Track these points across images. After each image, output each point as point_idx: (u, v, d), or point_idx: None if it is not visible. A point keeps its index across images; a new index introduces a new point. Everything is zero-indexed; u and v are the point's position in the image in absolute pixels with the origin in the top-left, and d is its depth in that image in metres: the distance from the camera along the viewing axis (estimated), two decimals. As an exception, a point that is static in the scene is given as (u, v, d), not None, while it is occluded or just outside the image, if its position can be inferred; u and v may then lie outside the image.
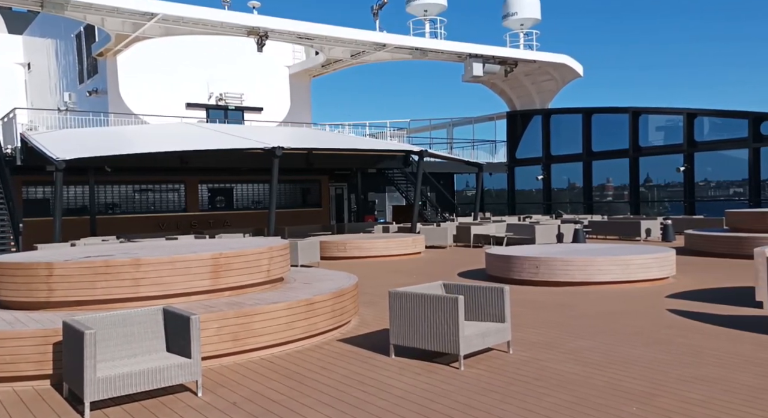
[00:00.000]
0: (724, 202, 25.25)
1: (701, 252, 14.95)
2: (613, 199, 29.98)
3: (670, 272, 10.41)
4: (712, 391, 4.52)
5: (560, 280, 10.14)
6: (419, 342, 5.57)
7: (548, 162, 31.14)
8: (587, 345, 6.07)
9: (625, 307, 8.09)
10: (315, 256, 13.87)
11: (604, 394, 4.55)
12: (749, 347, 5.75)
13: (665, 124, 26.75)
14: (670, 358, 5.48)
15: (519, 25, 29.36)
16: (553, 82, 31.35)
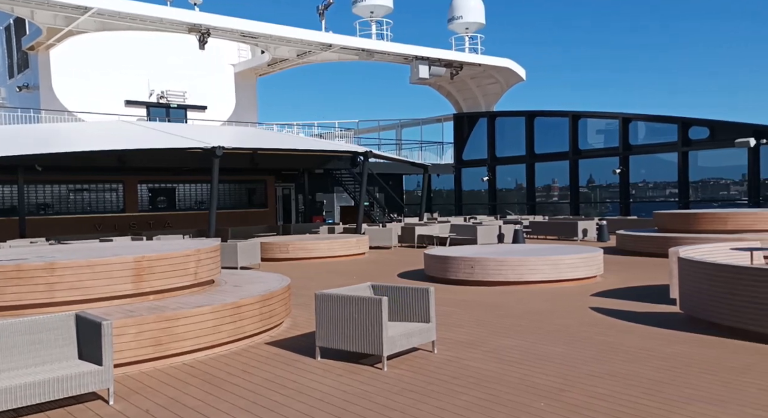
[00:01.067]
0: (659, 203, 26.42)
1: (631, 252, 15.60)
2: (558, 199, 30.88)
3: (598, 271, 10.81)
4: (617, 385, 4.74)
5: (494, 279, 10.38)
6: (344, 344, 5.60)
7: (493, 163, 31.78)
8: (510, 343, 6.24)
9: (552, 306, 8.36)
10: (255, 257, 13.71)
11: (516, 391, 4.70)
12: (658, 343, 6.05)
13: (605, 128, 27.74)
14: (585, 354, 5.71)
15: (464, 29, 29.87)
16: (497, 86, 32.04)
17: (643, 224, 20.32)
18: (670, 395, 4.47)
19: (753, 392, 4.48)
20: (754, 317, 5.94)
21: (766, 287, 5.84)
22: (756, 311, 5.91)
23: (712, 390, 4.55)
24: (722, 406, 4.21)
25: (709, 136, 23.02)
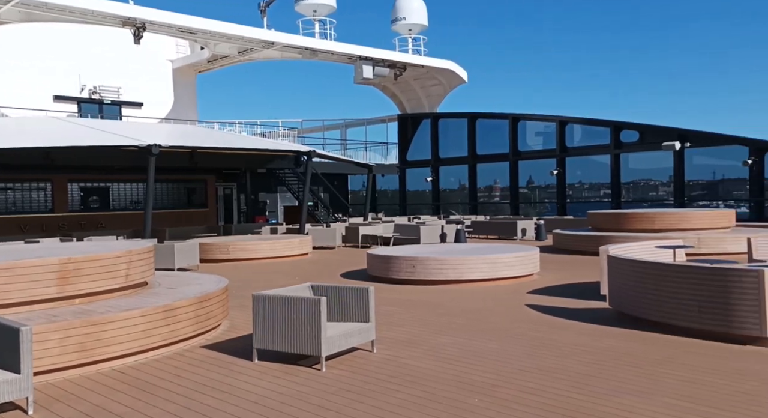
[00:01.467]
0: (594, 203, 27.48)
1: (567, 250, 16.15)
2: (499, 199, 31.62)
3: (534, 269, 11.12)
4: (547, 379, 4.89)
5: (435, 279, 10.50)
6: (282, 345, 5.53)
7: (437, 164, 32.19)
8: (447, 341, 6.33)
9: (489, 304, 8.54)
10: (194, 259, 13.35)
11: (452, 387, 4.76)
12: (588, 338, 6.28)
13: (543, 130, 28.61)
14: (519, 350, 5.86)
15: (407, 30, 30.15)
16: (440, 87, 32.50)
17: (578, 224, 21.06)
18: (597, 388, 4.65)
19: (672, 382, 4.72)
20: (675, 312, 6.26)
21: (686, 283, 6.16)
22: (677, 305, 6.23)
23: (636, 382, 4.76)
24: (645, 397, 4.41)
25: (638, 140, 24.13)
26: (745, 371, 4.96)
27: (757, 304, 5.65)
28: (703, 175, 24.11)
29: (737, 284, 5.78)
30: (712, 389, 4.52)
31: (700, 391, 4.50)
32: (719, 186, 24.02)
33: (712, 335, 5.95)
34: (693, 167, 23.40)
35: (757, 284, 5.66)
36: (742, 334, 5.77)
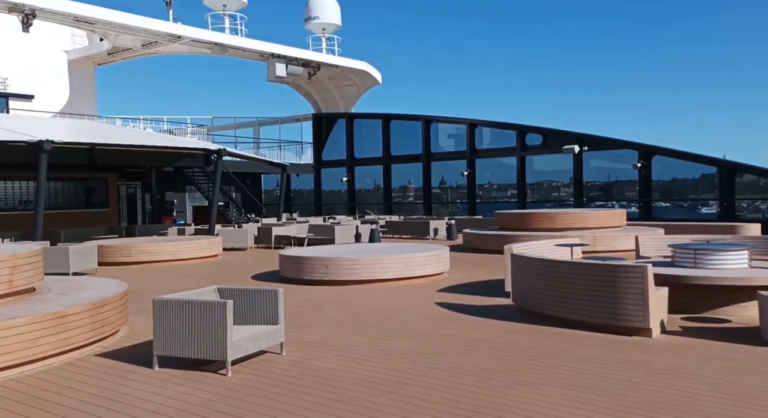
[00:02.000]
0: (502, 203, 28.64)
1: (476, 249, 16.71)
2: (413, 200, 32.20)
3: (444, 268, 11.42)
4: (453, 375, 5.03)
5: (348, 279, 10.52)
6: (186, 351, 5.32)
7: (352, 164, 32.29)
8: (357, 341, 6.35)
9: (400, 303, 8.67)
10: (91, 262, 12.55)
11: (360, 387, 4.78)
12: (492, 334, 6.53)
13: (455, 133, 29.46)
14: (426, 348, 5.99)
15: (321, 30, 30.01)
16: (354, 88, 32.63)
17: (487, 223, 21.84)
18: (499, 381, 4.84)
19: (566, 373, 5.01)
20: (570, 306, 6.64)
21: (580, 279, 6.55)
22: (572, 300, 6.61)
23: (533, 374, 5.00)
24: (540, 388, 4.64)
25: (542, 143, 25.43)
26: (630, 360, 5.35)
27: (641, 297, 6.11)
28: (599, 177, 25.80)
29: (624, 279, 6.22)
30: (600, 379, 4.84)
31: (589, 380, 4.80)
32: (613, 187, 25.81)
33: (603, 327, 6.36)
34: (590, 169, 24.98)
35: (641, 279, 6.11)
36: (629, 326, 6.21)
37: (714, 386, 4.58)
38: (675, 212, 23.99)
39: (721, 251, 7.42)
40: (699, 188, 23.58)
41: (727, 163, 21.28)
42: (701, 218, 22.87)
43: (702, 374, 4.90)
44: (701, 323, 6.72)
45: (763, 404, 4.19)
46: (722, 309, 7.11)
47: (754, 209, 22.11)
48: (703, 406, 4.18)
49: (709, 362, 5.22)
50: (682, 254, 7.74)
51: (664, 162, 22.76)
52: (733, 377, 4.81)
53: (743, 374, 4.88)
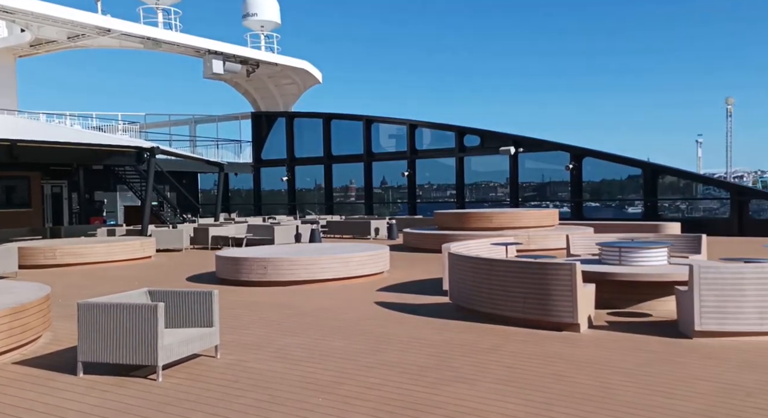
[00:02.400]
0: (441, 203, 29.08)
1: (416, 248, 16.90)
2: (355, 200, 32.18)
3: (384, 267, 11.49)
4: (389, 374, 5.07)
5: (287, 279, 10.41)
6: (114, 356, 5.12)
7: (292, 164, 31.94)
8: (295, 342, 6.30)
9: (339, 302, 8.66)
10: (11, 265, 11.86)
11: (296, 389, 4.75)
12: (429, 331, 6.63)
13: (396, 133, 29.66)
14: (364, 347, 6.01)
15: (259, 27, 29.52)
16: (295, 86, 32.31)
17: (427, 223, 22.14)
18: (434, 378, 4.92)
19: (497, 368, 5.16)
20: (504, 303, 6.84)
21: (513, 277, 6.76)
22: (506, 297, 6.81)
23: (466, 371, 5.12)
24: (473, 384, 4.76)
25: (480, 144, 26.02)
26: (560, 354, 5.57)
27: (570, 294, 6.36)
28: (533, 177, 26.65)
29: (555, 276, 6.46)
30: (529, 373, 5.01)
31: (519, 375, 4.96)
32: (546, 188, 26.72)
33: (535, 323, 6.58)
34: (526, 170, 25.77)
35: (570, 276, 6.37)
36: (559, 321, 6.46)
37: (633, 377, 4.83)
38: (603, 211, 25.11)
39: (644, 249, 7.84)
40: (625, 189, 24.78)
41: (651, 165, 22.46)
42: (627, 218, 24.04)
43: (623, 365, 5.16)
44: (625, 318, 7.07)
45: (674, 392, 4.46)
46: (644, 304, 7.50)
47: (674, 209, 23.46)
48: (623, 396, 4.40)
49: (631, 355, 5.50)
50: (608, 252, 8.12)
51: (593, 163, 23.77)
52: (651, 367, 5.09)
53: (660, 364, 5.17)
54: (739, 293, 5.82)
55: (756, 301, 5.80)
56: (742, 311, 5.82)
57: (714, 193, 23.04)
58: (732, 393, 4.39)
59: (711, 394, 4.38)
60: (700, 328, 5.90)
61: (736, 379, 4.71)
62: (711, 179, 27.87)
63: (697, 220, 21.26)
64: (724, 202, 21.95)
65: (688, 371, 4.97)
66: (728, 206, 21.01)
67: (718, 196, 22.77)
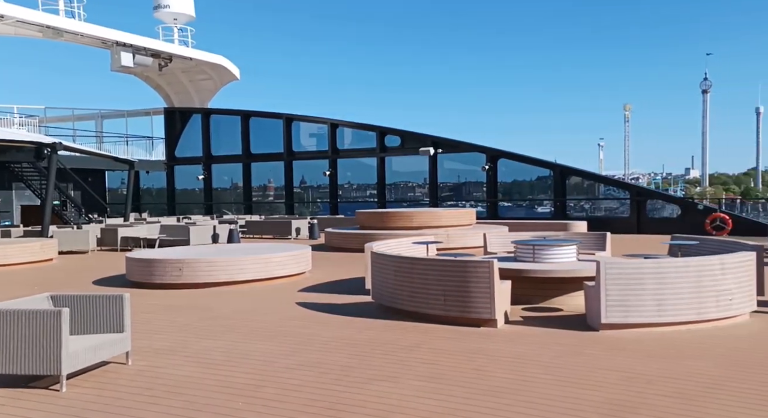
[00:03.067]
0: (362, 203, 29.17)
1: (338, 248, 16.85)
2: (274, 199, 31.61)
3: (306, 267, 11.36)
4: (311, 375, 5.01)
5: (204, 281, 10.05)
6: (12, 367, 4.73)
7: (209, 162, 30.92)
8: (213, 345, 6.09)
9: (260, 304, 8.47)
10: None
11: (214, 394, 4.58)
12: (351, 331, 6.62)
13: (317, 132, 29.41)
14: (285, 348, 5.90)
15: (172, 19, 28.30)
16: (211, 82, 31.28)
17: (348, 223, 22.14)
18: (356, 378, 4.91)
19: (419, 366, 5.23)
20: (425, 301, 6.94)
21: (433, 275, 6.88)
22: (427, 295, 6.92)
23: (389, 369, 5.15)
24: (395, 381, 4.79)
25: (400, 144, 26.35)
26: (479, 350, 5.72)
27: (488, 290, 6.56)
28: (451, 178, 27.33)
29: (473, 274, 6.63)
30: (450, 368, 5.12)
31: (440, 371, 5.06)
32: (463, 188, 27.49)
33: (455, 320, 6.73)
34: (444, 171, 26.38)
35: (488, 273, 6.57)
36: (478, 318, 6.64)
37: (547, 370, 5.05)
38: (516, 211, 26.20)
39: (555, 247, 8.23)
40: (535, 189, 25.98)
41: (560, 166, 23.66)
42: (537, 217, 25.21)
43: (538, 359, 5.39)
44: (539, 313, 7.39)
45: (584, 382, 4.71)
46: (556, 299, 7.88)
47: (579, 209, 24.85)
48: (539, 388, 4.59)
49: (545, 348, 5.76)
50: (523, 249, 8.45)
51: (507, 165, 24.72)
52: (563, 359, 5.35)
53: (571, 356, 5.44)
54: (640, 287, 6.24)
55: (654, 294, 6.23)
56: (643, 303, 6.24)
57: (614, 193, 24.63)
58: (635, 381, 4.69)
59: (617, 383, 4.66)
60: (606, 321, 6.27)
61: (639, 368, 5.04)
62: (614, 180, 29.73)
63: (601, 219, 22.63)
64: (623, 202, 23.55)
65: (596, 362, 5.26)
66: (628, 206, 22.53)
67: (619, 197, 24.38)
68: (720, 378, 4.73)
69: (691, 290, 6.26)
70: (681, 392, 4.41)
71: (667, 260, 6.40)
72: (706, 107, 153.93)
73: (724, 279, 6.37)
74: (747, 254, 6.68)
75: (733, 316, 6.55)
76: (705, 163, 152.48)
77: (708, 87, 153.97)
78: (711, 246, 8.56)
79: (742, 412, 4.00)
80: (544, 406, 4.19)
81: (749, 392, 4.40)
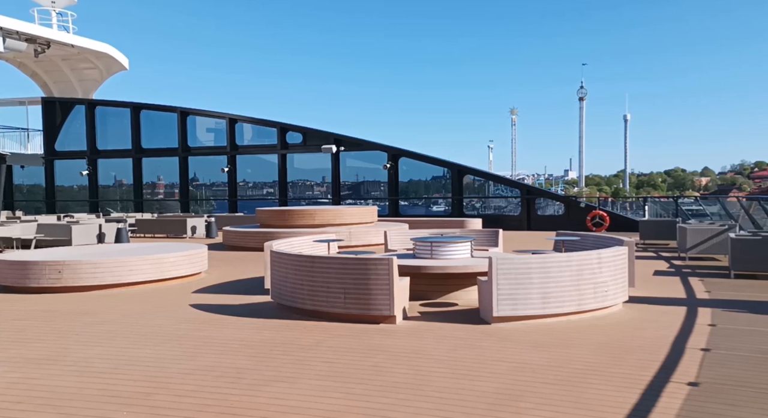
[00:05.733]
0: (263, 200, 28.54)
1: (237, 247, 16.38)
2: (164, 196, 30.11)
3: (202, 267, 10.93)
4: (206, 379, 4.82)
5: (88, 284, 9.39)
6: None
7: (94, 157, 28.89)
8: (97, 353, 5.68)
9: (151, 306, 8.03)
10: None
11: (95, 404, 4.28)
12: (248, 332, 6.45)
13: (214, 127, 28.37)
14: (178, 353, 5.64)
15: (50, 2, 26.08)
16: (96, 72, 29.22)
17: (248, 221, 21.61)
18: (253, 380, 4.79)
19: (318, 365, 5.20)
20: (326, 300, 6.92)
21: (334, 273, 6.87)
22: (327, 293, 6.90)
23: (287, 369, 5.07)
24: (293, 382, 4.73)
25: (302, 142, 26.08)
26: (378, 347, 5.79)
27: (388, 287, 6.66)
28: (353, 175, 27.47)
29: (373, 271, 6.70)
30: (349, 366, 5.14)
31: (340, 369, 5.06)
32: (365, 186, 27.72)
33: (355, 318, 6.76)
34: (346, 169, 26.46)
35: (388, 270, 6.66)
36: (378, 315, 6.72)
37: (443, 363, 5.22)
38: (415, 209, 26.87)
39: (451, 244, 8.51)
40: (431, 188, 26.78)
41: (457, 166, 24.53)
42: (434, 215, 26.00)
43: (435, 353, 5.55)
44: (436, 308, 7.61)
45: (478, 374, 4.91)
46: (452, 294, 8.16)
47: (470, 207, 25.92)
48: (435, 382, 4.72)
49: (441, 342, 5.93)
50: (421, 246, 8.66)
51: (408, 163, 25.25)
52: (459, 353, 5.54)
53: (465, 350, 5.66)
54: (528, 281, 6.61)
55: (540, 287, 6.63)
56: (530, 296, 6.61)
57: (503, 192, 25.94)
58: (523, 371, 4.96)
59: (506, 373, 4.90)
60: (497, 314, 6.57)
61: (526, 358, 5.34)
62: (506, 179, 31.25)
63: (495, 216, 23.74)
64: (512, 201, 24.92)
65: (487, 353, 5.50)
66: (519, 204, 23.81)
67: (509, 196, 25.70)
68: (596, 364, 5.12)
69: (573, 283, 6.72)
70: (562, 379, 4.72)
71: (552, 255, 6.82)
72: (583, 114, 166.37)
73: (601, 272, 6.91)
74: (621, 249, 7.28)
75: (609, 306, 7.11)
76: (582, 165, 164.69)
77: (584, 95, 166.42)
78: (590, 241, 9.24)
79: (614, 394, 4.36)
80: (438, 399, 4.32)
81: (621, 375, 4.79)
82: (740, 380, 4.59)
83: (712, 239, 12.20)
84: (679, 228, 13.10)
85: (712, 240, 12.20)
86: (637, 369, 4.92)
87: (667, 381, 4.60)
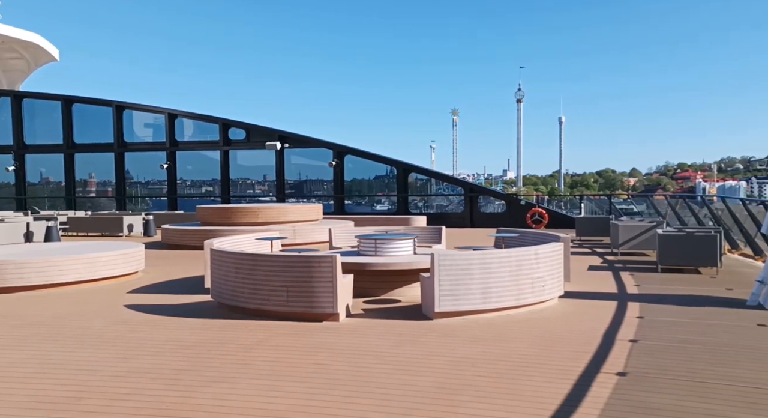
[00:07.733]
0: (204, 198, 27.84)
1: (176, 245, 15.92)
2: (96, 194, 28.92)
3: (138, 266, 10.57)
4: (140, 381, 4.67)
5: (13, 285, 8.91)
6: None
7: (21, 151, 27.40)
8: (23, 357, 5.40)
9: (83, 308, 7.71)
10: None
11: (21, 411, 4.07)
12: (186, 332, 6.28)
13: (153, 122, 27.44)
14: (112, 355, 5.44)
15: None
16: (23, 62, 27.78)
17: (189, 218, 21.03)
18: (192, 381, 4.68)
19: (260, 364, 5.13)
20: (268, 298, 6.83)
21: (276, 271, 6.79)
22: (270, 292, 6.81)
23: (227, 369, 4.98)
24: (234, 382, 4.65)
25: (245, 138, 25.60)
26: (321, 344, 5.77)
27: (331, 285, 6.64)
28: (298, 173, 27.22)
29: (317, 268, 6.67)
30: (292, 365, 5.10)
31: (281, 368, 5.01)
32: (309, 184, 27.52)
33: (299, 316, 6.71)
34: (291, 166, 26.17)
35: (331, 268, 6.65)
36: (321, 312, 6.69)
37: (385, 359, 5.25)
38: (360, 206, 26.89)
39: (395, 241, 8.57)
40: (375, 186, 26.90)
41: (403, 164, 24.71)
42: (379, 212, 26.11)
43: (377, 349, 5.58)
44: (379, 305, 7.65)
45: (416, 369, 4.98)
46: (395, 291, 8.22)
47: (414, 206, 26.21)
48: (377, 378, 4.75)
49: (383, 339, 5.97)
50: (365, 244, 8.69)
51: (354, 161, 25.23)
52: (399, 349, 5.60)
53: (407, 345, 5.72)
54: (468, 277, 6.74)
55: (480, 283, 6.77)
56: (471, 292, 6.75)
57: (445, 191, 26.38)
58: (461, 365, 5.06)
59: (445, 367, 4.99)
60: (438, 309, 6.68)
61: (466, 352, 5.45)
62: (451, 178, 31.71)
63: (439, 214, 24.07)
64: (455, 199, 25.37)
65: (428, 348, 5.58)
66: (462, 202, 24.24)
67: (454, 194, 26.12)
68: (532, 357, 5.28)
69: (511, 278, 6.91)
70: (499, 372, 4.85)
71: (492, 251, 6.99)
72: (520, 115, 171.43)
73: (539, 268, 7.13)
74: (557, 245, 7.53)
75: (546, 301, 7.36)
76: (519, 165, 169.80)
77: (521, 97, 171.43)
78: (529, 238, 9.52)
79: (548, 385, 4.51)
80: (379, 395, 4.35)
81: (554, 367, 4.97)
82: (663, 369, 4.85)
83: (642, 236, 12.81)
84: (612, 225, 13.68)
85: (642, 236, 12.80)
86: (570, 361, 5.11)
87: (597, 371, 4.80)
